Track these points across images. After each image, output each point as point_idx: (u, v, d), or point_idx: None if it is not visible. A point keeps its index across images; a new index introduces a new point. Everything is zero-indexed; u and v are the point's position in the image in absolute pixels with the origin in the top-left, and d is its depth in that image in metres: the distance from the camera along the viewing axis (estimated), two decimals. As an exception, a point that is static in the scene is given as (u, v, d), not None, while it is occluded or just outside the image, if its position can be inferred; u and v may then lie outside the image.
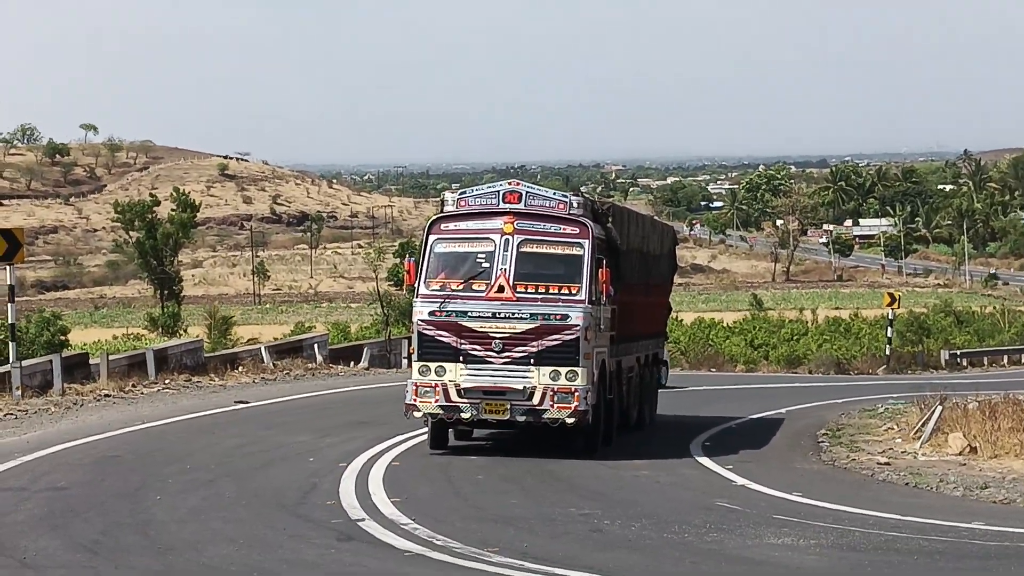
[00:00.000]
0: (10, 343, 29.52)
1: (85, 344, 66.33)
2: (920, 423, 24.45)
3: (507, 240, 21.14)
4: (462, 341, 20.94)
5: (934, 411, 24.10)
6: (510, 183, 21.77)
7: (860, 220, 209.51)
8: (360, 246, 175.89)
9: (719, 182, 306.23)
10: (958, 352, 67.57)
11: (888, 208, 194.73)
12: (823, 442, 25.09)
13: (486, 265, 21.12)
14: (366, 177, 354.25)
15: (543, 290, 21.02)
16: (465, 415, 21.09)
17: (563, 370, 20.85)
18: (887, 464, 21.81)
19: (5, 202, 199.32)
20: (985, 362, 67.52)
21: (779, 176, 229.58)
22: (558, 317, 20.89)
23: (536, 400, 20.88)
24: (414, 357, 21.29)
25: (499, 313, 20.90)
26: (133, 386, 31.30)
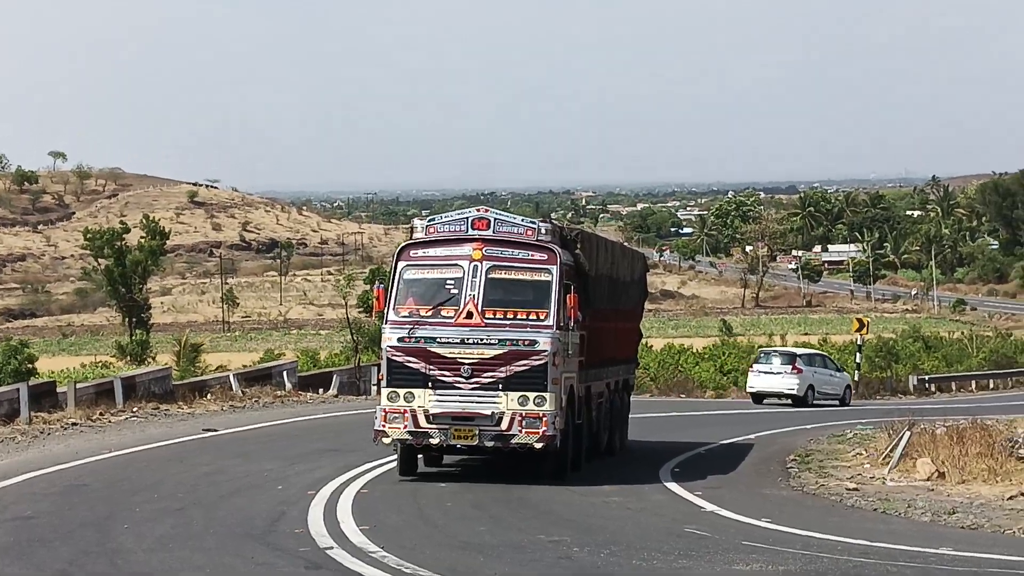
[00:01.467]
0: (-23, 371, 29.35)
1: (53, 372, 66.02)
2: (888, 448, 24.51)
3: (476, 266, 21.18)
4: (431, 367, 20.94)
5: (902, 436, 24.18)
6: (479, 210, 21.83)
7: (829, 246, 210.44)
8: (330, 273, 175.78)
9: (689, 208, 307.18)
10: (926, 377, 67.80)
11: (857, 234, 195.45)
12: (792, 468, 25.14)
13: (455, 291, 21.15)
14: (336, 204, 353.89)
15: (511, 316, 21.06)
16: (434, 441, 21.08)
17: (531, 395, 20.87)
18: (855, 490, 21.86)
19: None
20: (953, 387, 67.77)
21: (748, 202, 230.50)
22: (526, 343, 20.91)
23: (504, 425, 20.89)
24: (383, 383, 21.28)
25: (468, 339, 20.92)
26: (101, 414, 31.15)
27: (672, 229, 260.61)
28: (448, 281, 21.24)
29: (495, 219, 21.58)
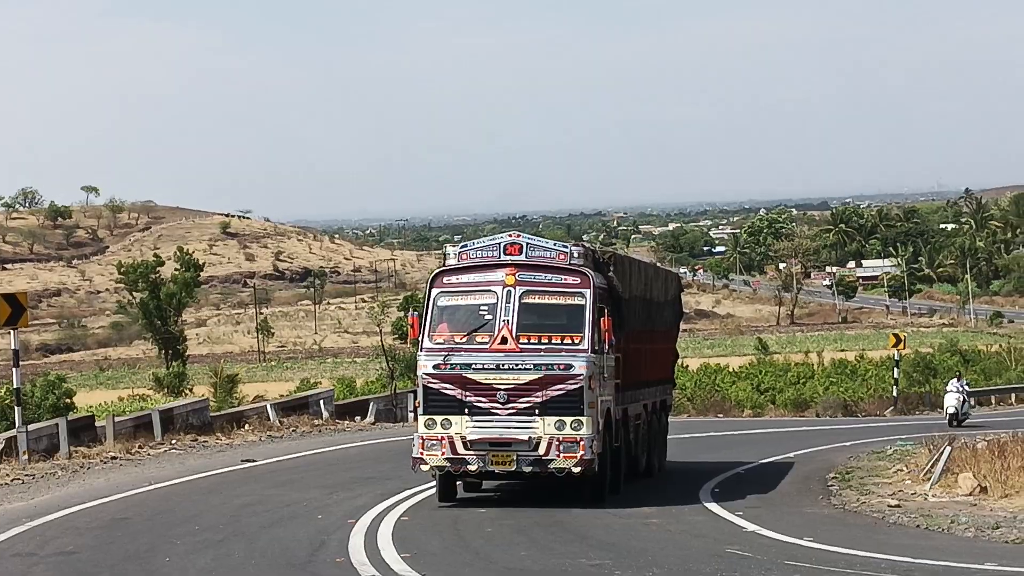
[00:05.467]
0: (15, 407, 29.50)
1: (91, 406, 66.29)
2: (929, 464, 24.37)
3: (509, 292, 21.17)
4: (467, 393, 20.93)
5: (943, 451, 24.04)
6: (511, 235, 21.84)
7: (863, 261, 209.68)
8: (364, 300, 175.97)
9: (721, 227, 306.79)
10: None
11: (891, 249, 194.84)
12: (833, 485, 25.02)
13: (489, 317, 21.15)
14: (368, 231, 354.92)
15: (546, 340, 21.04)
16: (472, 467, 21.06)
17: (568, 419, 20.83)
18: (897, 506, 21.73)
19: (8, 266, 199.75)
20: (992, 401, 67.36)
21: (781, 219, 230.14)
22: (561, 367, 20.88)
23: (542, 450, 20.85)
24: (420, 410, 21.27)
25: (503, 364, 20.91)
26: (140, 447, 31.26)
27: (705, 248, 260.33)
28: (482, 307, 21.24)
29: (527, 244, 21.59)
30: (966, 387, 50.65)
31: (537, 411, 20.83)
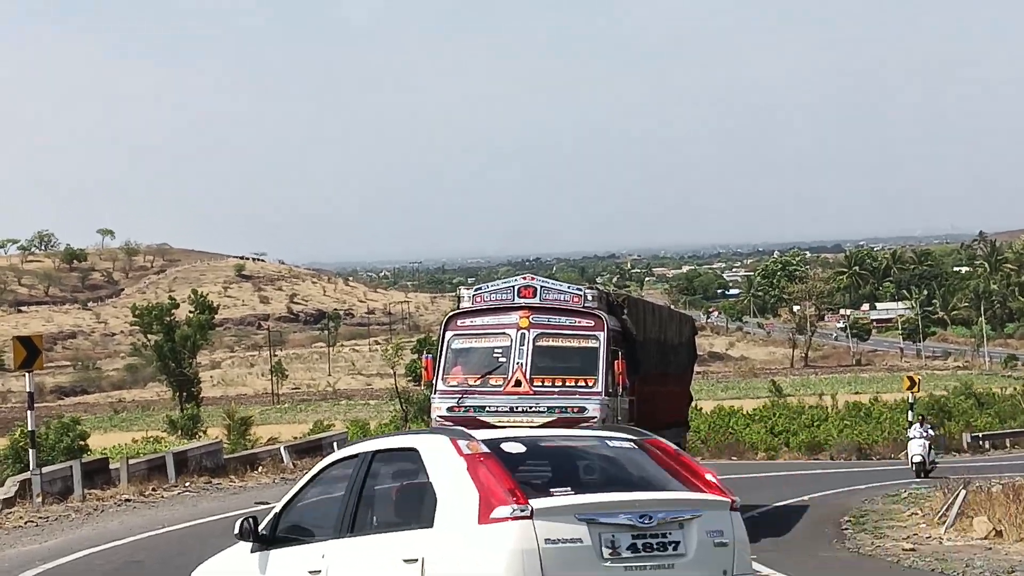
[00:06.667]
0: (30, 450, 29.56)
1: (105, 448, 66.36)
2: (944, 507, 24.30)
3: (523, 334, 21.21)
4: (481, 436, 20.93)
5: (958, 495, 23.97)
6: (525, 278, 21.90)
7: (877, 304, 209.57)
8: (378, 343, 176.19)
9: (734, 269, 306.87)
10: (980, 435, 67.25)
11: (904, 291, 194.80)
12: (847, 529, 24.94)
13: (503, 360, 21.18)
14: (382, 274, 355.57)
15: (560, 383, 21.05)
16: (486, 511, 21.02)
17: (582, 463, 20.81)
18: (912, 550, 21.66)
19: (24, 308, 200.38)
20: (1007, 444, 67.17)
21: (794, 262, 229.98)
22: (575, 410, 20.89)
23: (557, 494, 20.81)
24: (433, 454, 21.26)
25: (516, 407, 20.92)
26: (153, 490, 31.28)
27: (718, 291, 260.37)
28: (496, 350, 21.27)
29: (541, 287, 21.64)
30: (931, 432, 44.55)
31: (551, 454, 20.82)
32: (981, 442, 65.33)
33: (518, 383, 21.01)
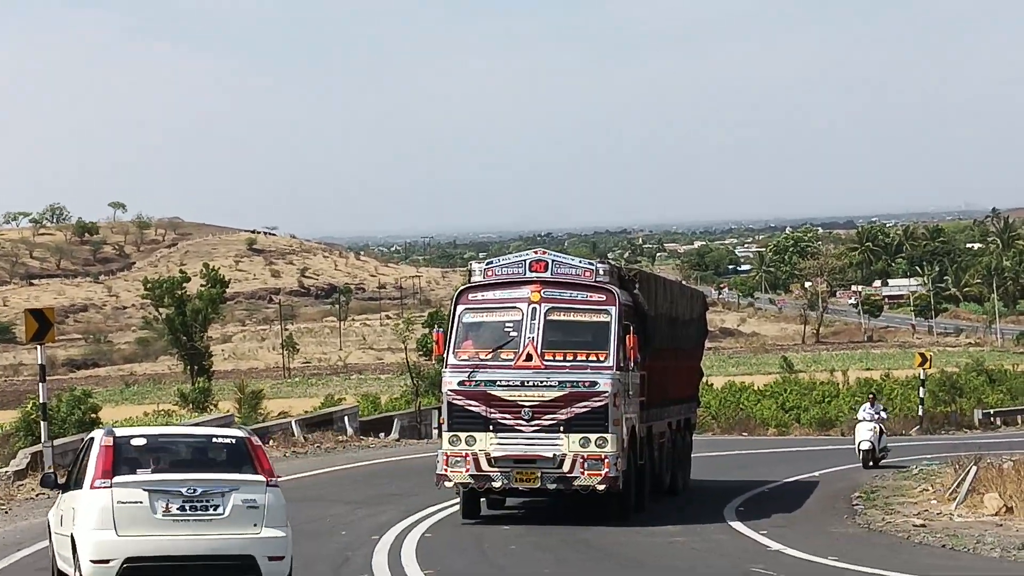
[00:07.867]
0: (42, 422, 29.59)
1: (116, 422, 66.40)
2: (955, 484, 24.27)
3: (534, 309, 21.17)
4: (491, 410, 20.93)
5: (969, 471, 23.93)
6: (536, 252, 21.87)
7: (889, 280, 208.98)
8: (388, 317, 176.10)
9: (746, 245, 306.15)
10: (991, 411, 67.10)
11: (916, 268, 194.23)
12: (858, 505, 24.92)
13: (514, 334, 21.15)
14: (393, 248, 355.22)
15: (571, 357, 21.02)
16: (496, 484, 21.05)
17: (593, 437, 20.80)
18: (923, 526, 21.64)
19: (35, 282, 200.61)
20: (1019, 420, 66.99)
21: (806, 238, 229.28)
22: (586, 384, 20.87)
23: (566, 468, 20.83)
24: (444, 427, 21.29)
25: (528, 381, 20.91)
26: (164, 462, 31.27)
27: (730, 266, 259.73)
28: (507, 324, 21.24)
29: (553, 261, 21.60)
30: (883, 414, 36.45)
31: (562, 428, 20.82)
32: (992, 419, 65.18)
33: (529, 357, 20.99)
